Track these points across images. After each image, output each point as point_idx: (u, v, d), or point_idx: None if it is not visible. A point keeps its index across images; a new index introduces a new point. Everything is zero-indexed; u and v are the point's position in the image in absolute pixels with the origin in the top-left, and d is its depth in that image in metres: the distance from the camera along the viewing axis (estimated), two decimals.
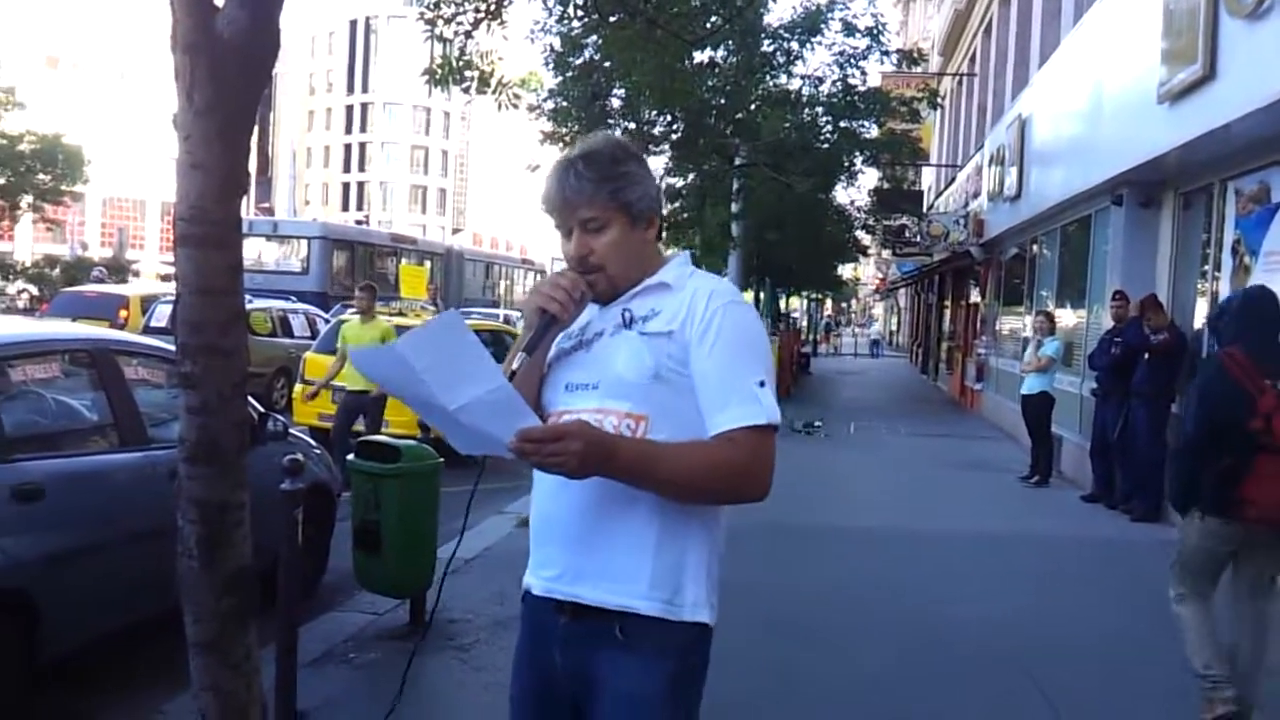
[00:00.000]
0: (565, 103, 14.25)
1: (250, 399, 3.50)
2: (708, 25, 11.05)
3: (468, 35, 8.05)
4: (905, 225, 21.78)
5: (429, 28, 8.07)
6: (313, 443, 6.15)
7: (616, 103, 14.11)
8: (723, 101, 14.15)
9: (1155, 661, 4.47)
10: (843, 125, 15.95)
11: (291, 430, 5.61)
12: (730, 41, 13.63)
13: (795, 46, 14.65)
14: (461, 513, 2.13)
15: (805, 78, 15.39)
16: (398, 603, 4.98)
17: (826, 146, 16.12)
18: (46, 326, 6.30)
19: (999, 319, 16.52)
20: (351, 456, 4.90)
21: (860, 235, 25.62)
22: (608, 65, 12.74)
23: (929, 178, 28.39)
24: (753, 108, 14.72)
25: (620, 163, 1.83)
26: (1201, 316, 8.08)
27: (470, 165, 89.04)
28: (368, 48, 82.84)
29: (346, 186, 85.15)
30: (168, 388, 4.66)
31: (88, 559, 3.90)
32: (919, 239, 20.42)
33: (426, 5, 7.95)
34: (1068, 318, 11.85)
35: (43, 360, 4.32)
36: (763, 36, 14.49)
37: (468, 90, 9.03)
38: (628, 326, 1.81)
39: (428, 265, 25.99)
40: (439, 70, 8.90)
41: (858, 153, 17.02)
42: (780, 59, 14.79)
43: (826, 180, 18.00)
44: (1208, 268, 8.12)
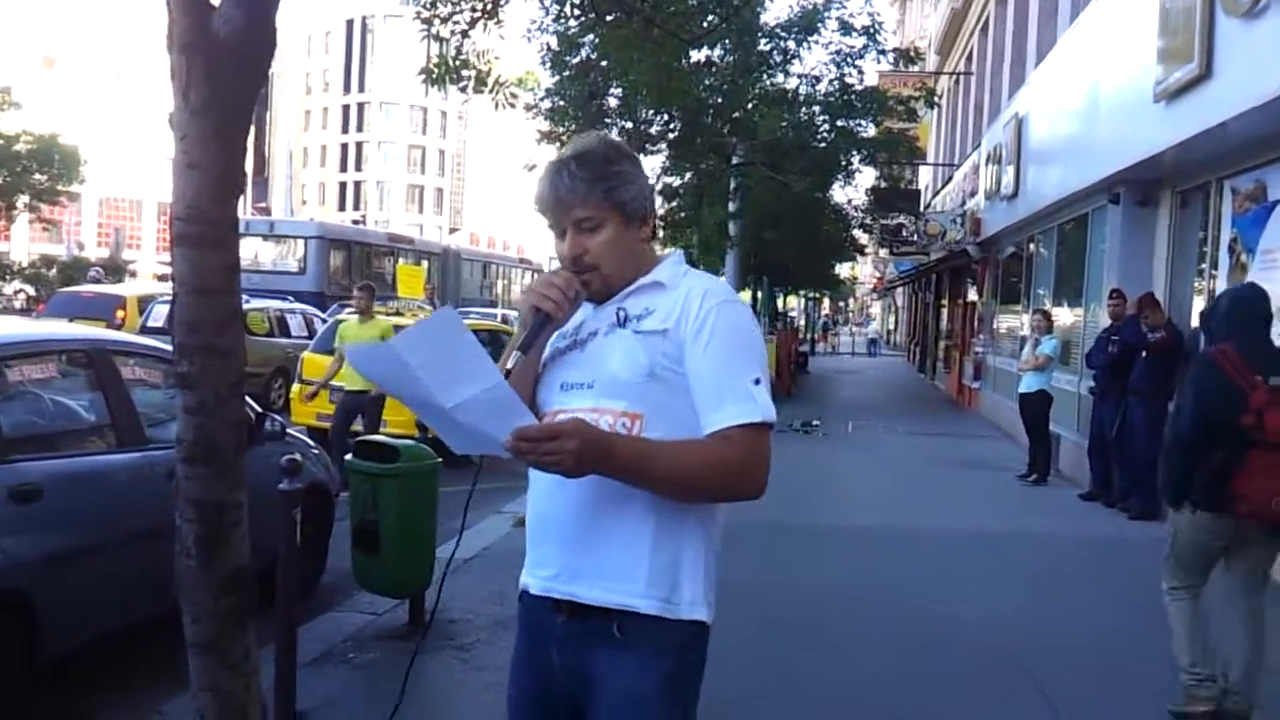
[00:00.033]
0: (562, 102, 14.22)
1: (247, 399, 3.50)
2: (704, 24, 11.04)
3: (464, 34, 8.04)
4: (902, 224, 21.78)
5: (425, 27, 8.07)
6: (310, 442, 6.15)
7: (613, 102, 14.09)
8: (720, 100, 14.13)
9: (1153, 660, 4.47)
10: (840, 124, 15.93)
11: (289, 430, 5.62)
12: (727, 40, 13.60)
13: (792, 45, 14.62)
14: (460, 512, 2.13)
15: (802, 77, 15.39)
16: (396, 603, 4.98)
17: (823, 145, 16.12)
18: (43, 327, 6.31)
19: (996, 318, 16.52)
20: (350, 456, 4.90)
21: (857, 234, 25.64)
22: (604, 64, 12.73)
23: (926, 177, 28.43)
24: (750, 107, 14.72)
25: (613, 162, 1.83)
26: (1198, 315, 8.09)
27: (467, 165, 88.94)
28: (364, 47, 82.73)
29: (343, 186, 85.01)
30: (165, 388, 4.66)
31: (86, 559, 3.90)
32: (916, 238, 20.43)
33: (423, 5, 7.95)
34: (1065, 316, 11.87)
35: (40, 361, 4.31)
36: (759, 35, 14.47)
37: (464, 90, 9.05)
38: (622, 325, 1.81)
39: (425, 265, 26.02)
40: (436, 70, 8.91)
41: (855, 152, 17.03)
42: (777, 58, 14.77)
43: (824, 179, 18.03)
44: (1204, 266, 8.14)
